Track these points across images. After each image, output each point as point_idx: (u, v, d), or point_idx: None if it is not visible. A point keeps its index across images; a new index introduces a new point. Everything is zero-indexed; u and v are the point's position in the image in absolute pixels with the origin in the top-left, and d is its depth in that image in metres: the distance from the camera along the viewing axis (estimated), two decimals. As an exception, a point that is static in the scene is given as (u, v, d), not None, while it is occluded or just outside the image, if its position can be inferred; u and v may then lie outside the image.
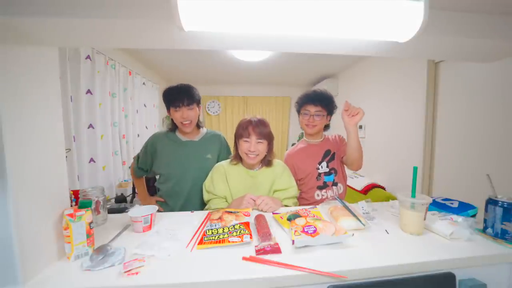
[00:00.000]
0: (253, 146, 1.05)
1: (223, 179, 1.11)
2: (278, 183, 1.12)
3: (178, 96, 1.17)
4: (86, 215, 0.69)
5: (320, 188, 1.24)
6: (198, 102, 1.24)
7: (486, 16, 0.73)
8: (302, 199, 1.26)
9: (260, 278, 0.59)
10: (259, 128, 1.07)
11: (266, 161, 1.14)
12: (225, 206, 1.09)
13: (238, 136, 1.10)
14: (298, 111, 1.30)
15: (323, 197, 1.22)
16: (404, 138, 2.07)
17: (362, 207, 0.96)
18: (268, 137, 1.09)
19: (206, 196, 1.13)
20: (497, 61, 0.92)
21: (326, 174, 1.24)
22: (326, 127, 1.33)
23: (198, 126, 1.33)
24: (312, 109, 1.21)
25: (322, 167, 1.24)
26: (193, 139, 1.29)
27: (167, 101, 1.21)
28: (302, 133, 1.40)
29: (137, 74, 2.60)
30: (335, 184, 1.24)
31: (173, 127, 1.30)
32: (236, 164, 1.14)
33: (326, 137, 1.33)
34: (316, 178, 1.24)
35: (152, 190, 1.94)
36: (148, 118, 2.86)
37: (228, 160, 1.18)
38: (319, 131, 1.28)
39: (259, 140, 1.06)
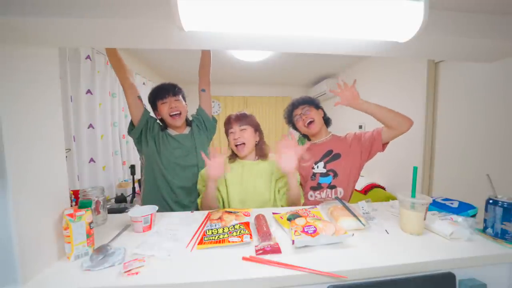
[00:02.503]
0: (237, 133, 1.09)
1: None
2: (278, 172, 1.13)
3: (164, 89, 1.23)
4: (86, 215, 0.69)
5: (314, 189, 1.19)
6: (184, 97, 1.29)
7: (487, 16, 0.73)
8: None
9: (260, 278, 0.59)
10: (240, 118, 1.12)
11: (262, 154, 1.16)
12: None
13: (226, 133, 1.15)
14: (293, 124, 1.31)
15: (316, 199, 1.18)
16: (404, 138, 2.06)
17: (362, 207, 0.96)
18: (252, 124, 1.13)
19: (200, 184, 1.15)
20: (497, 61, 0.92)
21: (322, 175, 1.19)
22: (327, 122, 1.31)
23: (189, 123, 1.35)
24: (298, 111, 1.25)
25: (317, 167, 1.20)
26: (183, 132, 1.30)
27: (153, 98, 1.24)
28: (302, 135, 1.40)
29: (137, 74, 2.59)
30: (331, 187, 1.18)
31: (164, 127, 1.29)
32: (233, 161, 1.17)
33: (334, 136, 1.27)
34: (311, 177, 1.21)
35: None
36: (148, 118, 2.86)
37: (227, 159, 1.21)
38: (321, 128, 1.25)
39: (242, 127, 1.10)
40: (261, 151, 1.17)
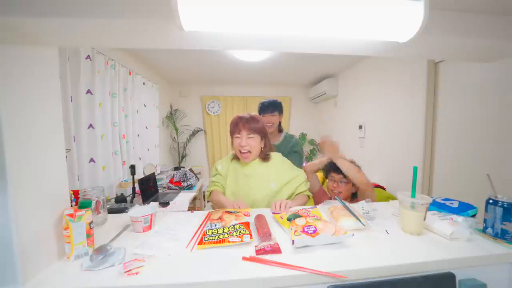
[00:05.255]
0: (244, 141, 1.07)
1: (228, 166, 1.20)
2: (281, 178, 1.12)
3: (267, 106, 1.58)
4: (86, 215, 0.69)
5: None
6: (279, 111, 1.62)
7: (486, 16, 0.73)
8: None
9: (260, 278, 0.59)
10: (250, 123, 1.08)
11: (264, 157, 1.15)
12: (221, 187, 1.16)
13: (231, 133, 1.14)
14: (326, 176, 1.37)
15: None
16: (404, 138, 2.07)
17: (362, 207, 0.96)
18: (260, 132, 1.11)
19: (214, 177, 1.20)
20: (497, 61, 0.92)
21: None
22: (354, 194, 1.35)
23: (280, 130, 1.67)
24: (336, 176, 1.28)
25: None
26: (273, 143, 1.55)
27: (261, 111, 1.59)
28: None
29: (137, 74, 2.59)
30: None
31: None
32: (237, 161, 1.18)
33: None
34: None
35: (152, 190, 1.93)
36: (148, 118, 2.85)
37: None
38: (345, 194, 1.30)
39: (250, 135, 1.08)
40: (263, 155, 1.15)
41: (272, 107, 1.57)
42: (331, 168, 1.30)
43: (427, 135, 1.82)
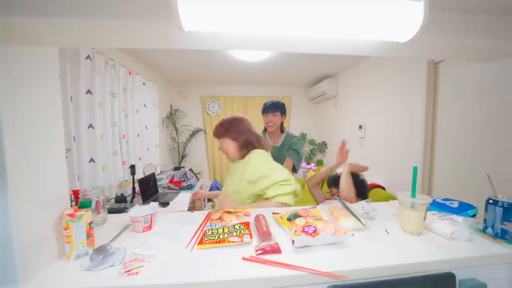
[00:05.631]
0: (219, 145, 1.20)
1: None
2: (249, 173, 1.07)
3: (269, 106, 1.64)
4: (86, 215, 0.69)
5: None
6: (281, 112, 1.65)
7: (486, 16, 0.73)
8: None
9: (260, 278, 0.59)
10: (217, 129, 1.18)
11: (240, 155, 1.19)
12: None
13: None
14: (328, 188, 1.42)
15: None
16: (404, 138, 2.07)
17: (362, 207, 0.96)
18: (229, 135, 1.15)
19: None
20: (497, 61, 0.92)
21: None
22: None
23: (282, 131, 1.68)
24: (334, 190, 1.35)
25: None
26: (275, 144, 1.65)
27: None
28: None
29: (137, 74, 2.59)
30: None
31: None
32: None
33: None
34: None
35: (152, 190, 1.92)
36: (148, 118, 2.85)
37: None
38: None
39: (220, 139, 1.19)
40: (241, 154, 1.18)
41: (274, 107, 1.64)
42: (332, 182, 1.36)
43: (427, 135, 1.82)
